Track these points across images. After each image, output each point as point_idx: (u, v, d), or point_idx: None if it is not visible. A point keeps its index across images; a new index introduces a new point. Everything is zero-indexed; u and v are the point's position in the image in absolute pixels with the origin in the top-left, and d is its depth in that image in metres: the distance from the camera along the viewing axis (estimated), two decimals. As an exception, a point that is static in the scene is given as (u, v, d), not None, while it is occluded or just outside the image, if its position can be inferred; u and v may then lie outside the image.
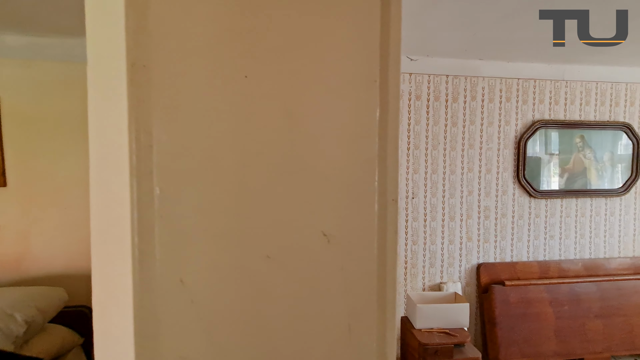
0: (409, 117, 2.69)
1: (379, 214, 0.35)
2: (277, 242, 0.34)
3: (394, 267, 0.36)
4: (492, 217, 2.85)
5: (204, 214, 0.32)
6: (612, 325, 2.77)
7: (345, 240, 0.35)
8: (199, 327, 0.31)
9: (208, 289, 0.32)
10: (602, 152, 2.98)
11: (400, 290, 2.74)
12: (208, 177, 0.32)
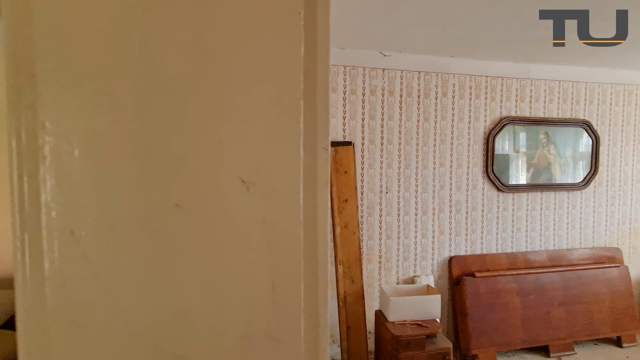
0: (382, 113, 2.71)
1: (306, 162, 0.32)
2: (187, 189, 0.31)
3: (325, 222, 0.33)
4: (463, 211, 2.92)
5: (97, 154, 0.28)
6: (574, 313, 2.91)
7: (267, 189, 0.32)
8: (93, 287, 0.28)
9: (104, 243, 0.28)
10: (564, 148, 3.13)
11: (375, 284, 2.76)
12: (102, 110, 0.28)
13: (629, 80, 3.21)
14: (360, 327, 2.47)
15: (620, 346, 2.96)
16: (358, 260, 2.51)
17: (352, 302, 2.47)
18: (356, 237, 2.53)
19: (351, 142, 2.62)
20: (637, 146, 3.32)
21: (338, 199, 2.54)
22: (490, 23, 2.09)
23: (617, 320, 2.98)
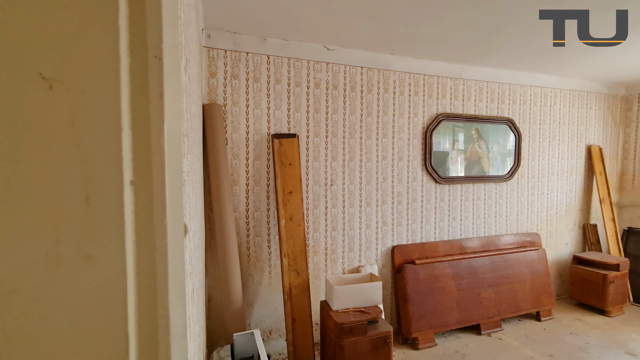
0: (327, 106, 2.74)
1: (133, 69, 0.30)
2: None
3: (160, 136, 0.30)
4: (404, 202, 3.07)
5: None
6: (501, 293, 3.20)
7: (76, 89, 0.28)
8: None
9: None
10: (492, 143, 3.43)
11: (322, 276, 2.78)
12: None
13: (545, 84, 3.61)
14: (306, 318, 2.47)
15: (539, 320, 3.31)
16: (303, 252, 2.52)
17: (297, 294, 2.46)
18: (301, 229, 2.53)
19: (296, 135, 2.62)
20: (551, 143, 3.74)
21: (283, 191, 2.52)
22: (424, 22, 2.21)
23: (537, 297, 3.33)
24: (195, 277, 1.06)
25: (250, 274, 2.58)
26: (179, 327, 0.31)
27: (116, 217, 0.28)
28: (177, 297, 0.31)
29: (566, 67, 3.29)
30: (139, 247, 0.29)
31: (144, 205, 0.30)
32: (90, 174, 0.28)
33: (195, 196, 1.23)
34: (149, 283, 0.29)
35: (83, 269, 0.27)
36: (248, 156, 2.53)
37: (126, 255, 0.28)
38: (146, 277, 0.29)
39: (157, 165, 0.30)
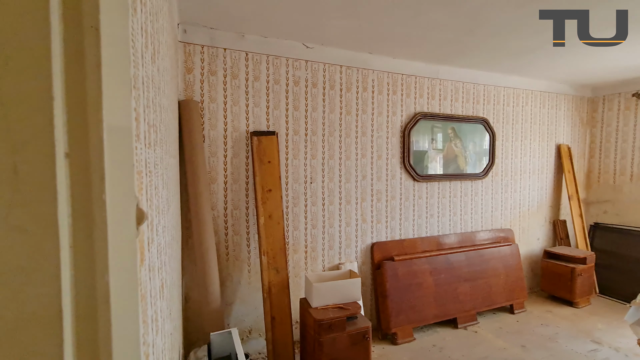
0: (306, 104, 2.74)
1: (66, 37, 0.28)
2: None
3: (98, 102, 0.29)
4: (383, 200, 3.11)
5: None
6: (476, 287, 3.29)
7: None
8: None
9: None
10: (468, 142, 3.52)
11: (302, 274, 2.78)
12: None
13: (517, 85, 3.75)
14: (286, 316, 2.47)
15: (513, 313, 3.43)
16: (283, 250, 2.51)
17: (277, 292, 2.45)
18: (281, 227, 2.53)
19: (275, 132, 2.61)
20: (523, 142, 3.89)
21: (262, 189, 2.51)
22: (400, 22, 2.25)
23: (510, 291, 3.45)
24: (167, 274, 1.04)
25: (229, 273, 2.55)
26: (123, 303, 0.31)
27: (48, 189, 0.27)
28: (122, 273, 0.30)
29: (537, 69, 3.43)
30: (75, 221, 0.29)
31: (81, 179, 0.29)
32: (18, 143, 0.26)
33: (168, 191, 1.21)
34: (86, 256, 0.29)
35: (12, 240, 0.26)
36: (226, 154, 2.50)
37: (59, 227, 0.27)
38: (83, 250, 0.29)
39: (94, 139, 0.29)
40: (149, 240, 0.66)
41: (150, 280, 0.65)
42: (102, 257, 0.29)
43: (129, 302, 0.33)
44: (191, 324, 2.38)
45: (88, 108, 0.29)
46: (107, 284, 0.29)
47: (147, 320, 0.58)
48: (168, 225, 1.22)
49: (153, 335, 0.66)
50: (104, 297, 0.29)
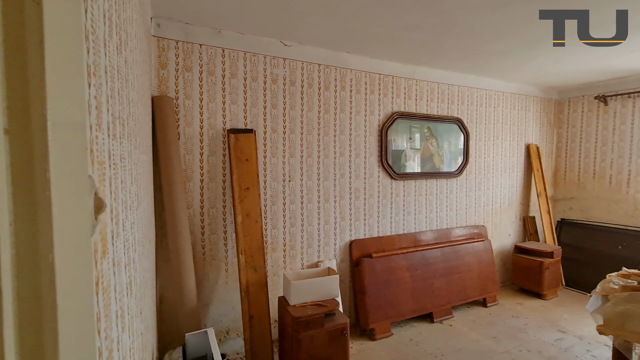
0: (284, 102, 2.74)
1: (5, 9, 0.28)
2: None
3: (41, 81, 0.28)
4: (361, 198, 3.15)
5: None
6: (451, 282, 3.39)
7: None
8: None
9: None
10: (443, 141, 3.62)
11: (281, 273, 2.77)
12: None
13: (489, 87, 3.89)
14: (264, 315, 2.45)
15: (485, 306, 3.56)
16: (261, 248, 2.49)
17: (255, 291, 2.44)
18: (259, 225, 2.51)
19: (253, 130, 2.59)
20: (495, 142, 4.04)
21: (239, 187, 2.48)
22: (376, 22, 2.28)
23: (483, 285, 3.58)
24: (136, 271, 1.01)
25: (206, 273, 2.51)
26: (73, 287, 0.30)
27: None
28: (71, 256, 0.29)
29: (508, 72, 3.57)
30: (16, 197, 0.28)
31: (22, 155, 0.28)
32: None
33: (138, 187, 1.17)
34: (28, 234, 0.28)
35: None
36: (202, 152, 2.46)
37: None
38: (25, 228, 0.28)
39: (36, 115, 0.28)
40: (114, 234, 0.64)
41: (115, 275, 0.63)
42: (46, 236, 0.28)
43: (80, 288, 0.32)
44: (166, 325, 2.32)
45: (30, 81, 0.28)
46: (53, 265, 0.28)
47: (110, 315, 0.57)
48: (139, 222, 1.19)
49: (118, 332, 0.65)
50: (49, 277, 0.28)
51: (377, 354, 2.68)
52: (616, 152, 3.96)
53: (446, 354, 2.68)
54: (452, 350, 2.73)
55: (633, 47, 2.78)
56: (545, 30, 2.41)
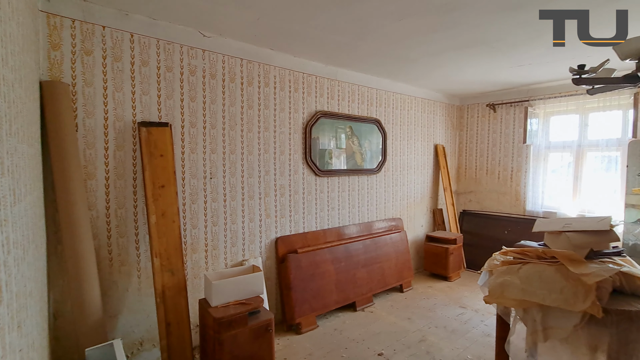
0: (204, 96, 2.61)
1: None
2: None
3: None
4: (286, 195, 3.17)
5: None
6: (372, 272, 3.63)
7: None
8: None
9: None
10: (364, 140, 3.85)
11: (202, 274, 2.64)
12: None
13: (403, 91, 4.26)
14: (183, 320, 2.31)
15: (402, 291, 3.89)
16: (179, 250, 2.34)
17: (172, 295, 2.28)
18: (176, 225, 2.35)
19: (168, 124, 2.42)
20: (409, 142, 4.44)
21: (153, 185, 2.29)
22: (296, 20, 2.33)
23: (400, 272, 3.91)
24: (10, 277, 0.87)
25: (114, 280, 2.26)
26: None
27: None
28: None
29: (418, 79, 3.96)
30: None
31: None
32: None
33: (14, 181, 1.01)
34: None
35: None
36: (107, 146, 2.21)
37: None
38: None
39: None
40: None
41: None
42: None
43: None
44: (63, 343, 2.03)
45: None
46: None
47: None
48: (17, 221, 1.02)
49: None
50: None
51: (303, 346, 2.74)
52: (502, 152, 4.69)
53: (367, 338, 2.86)
54: (372, 335, 2.92)
55: (514, 63, 3.32)
56: (446, 42, 2.73)
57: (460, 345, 2.76)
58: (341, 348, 2.71)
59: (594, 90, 2.14)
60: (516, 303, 1.81)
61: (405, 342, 2.80)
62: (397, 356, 2.59)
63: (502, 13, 2.21)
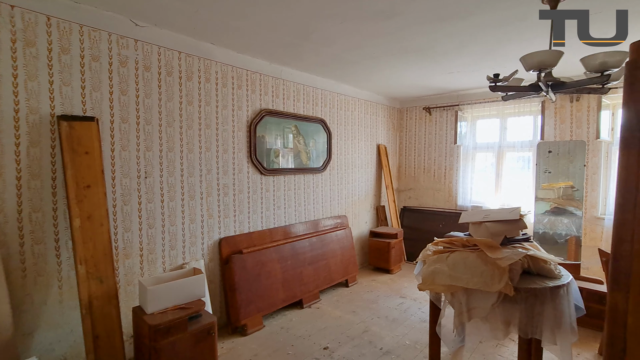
0: (137, 89, 2.44)
1: None
2: None
3: None
4: (230, 194, 3.09)
5: None
6: (318, 269, 3.69)
7: None
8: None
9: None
10: (309, 139, 3.90)
11: (137, 281, 2.46)
12: None
13: (347, 92, 4.40)
14: (114, 332, 2.13)
15: (347, 286, 4.02)
16: (108, 255, 2.15)
17: (101, 305, 2.09)
18: (105, 229, 2.16)
19: (95, 118, 2.21)
20: (353, 141, 4.59)
21: (77, 185, 2.08)
22: (237, 15, 2.28)
23: (345, 268, 4.03)
24: None
25: (28, 293, 2.00)
26: None
27: None
28: None
29: (360, 81, 4.11)
30: None
31: None
32: None
33: None
34: None
35: None
36: (19, 142, 1.95)
37: None
38: None
39: None
40: None
41: None
42: None
43: None
44: (-39, 370, 1.75)
45: None
46: None
47: None
48: None
49: None
50: None
51: (249, 347, 2.69)
52: (437, 152, 5.08)
53: (313, 334, 2.91)
54: (318, 330, 2.98)
55: (445, 71, 3.62)
56: (385, 47, 2.88)
57: (399, 332, 2.93)
58: (287, 346, 2.72)
59: (507, 97, 2.43)
60: (445, 288, 1.98)
61: (349, 334, 2.90)
62: (341, 348, 2.68)
63: (432, 24, 2.40)
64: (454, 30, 2.50)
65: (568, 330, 1.83)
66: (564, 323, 1.81)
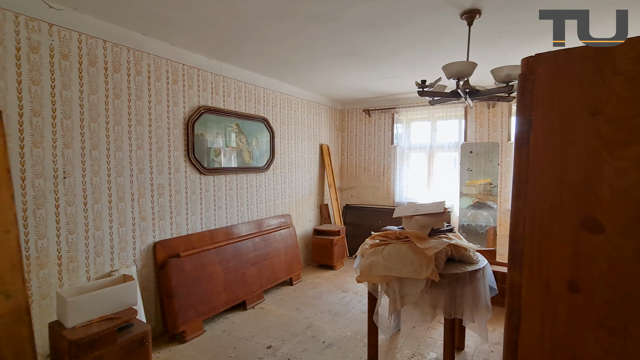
0: (52, 79, 2.18)
1: None
2: None
3: None
4: (166, 195, 2.92)
5: None
6: (262, 268, 3.66)
7: None
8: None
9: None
10: (251, 138, 3.85)
11: (54, 293, 2.20)
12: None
13: (290, 92, 4.42)
14: (25, 353, 1.89)
15: (292, 284, 4.05)
16: (17, 267, 1.90)
17: (8, 323, 1.83)
18: (12, 236, 1.90)
19: (-2, 110, 1.93)
20: (296, 141, 4.63)
21: (-26, 188, 1.80)
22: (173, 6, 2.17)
23: (289, 266, 4.05)
24: None
25: None
26: None
27: None
28: None
29: (303, 81, 4.16)
30: None
31: None
32: None
33: None
34: None
35: None
36: None
37: None
38: None
39: None
40: None
41: None
42: None
43: None
44: None
45: None
46: None
47: None
48: None
49: None
50: None
51: (188, 354, 2.57)
52: (376, 151, 5.35)
53: (256, 334, 2.88)
54: (262, 330, 2.96)
55: (381, 75, 3.83)
56: (325, 49, 2.97)
57: (341, 325, 3.05)
58: (230, 348, 2.66)
59: (433, 102, 2.67)
60: (381, 279, 2.11)
61: (293, 332, 2.93)
62: (285, 345, 2.70)
63: (367, 30, 2.54)
64: (388, 37, 2.67)
65: (484, 309, 2.08)
66: (481, 303, 2.06)
